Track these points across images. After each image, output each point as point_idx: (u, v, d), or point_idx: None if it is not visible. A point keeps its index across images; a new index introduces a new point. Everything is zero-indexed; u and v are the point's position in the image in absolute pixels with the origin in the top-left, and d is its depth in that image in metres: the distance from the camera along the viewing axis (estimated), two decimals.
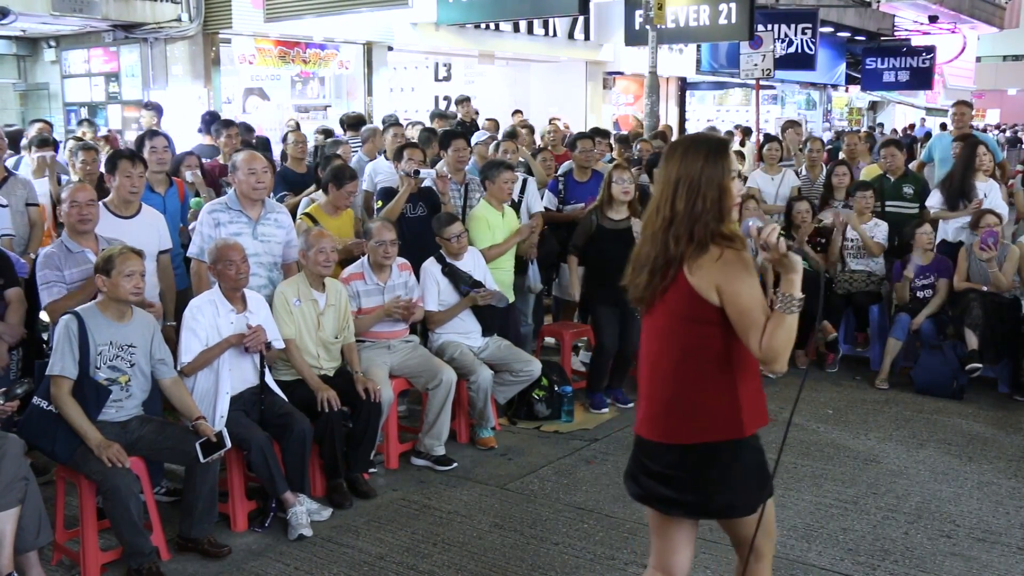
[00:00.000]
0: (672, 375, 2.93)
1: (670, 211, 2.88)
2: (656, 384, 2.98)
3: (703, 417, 2.90)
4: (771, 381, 7.28)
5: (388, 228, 5.64)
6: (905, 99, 30.35)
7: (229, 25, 12.15)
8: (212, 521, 4.55)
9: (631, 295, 3.01)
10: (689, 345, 2.88)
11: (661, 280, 2.88)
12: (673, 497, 2.97)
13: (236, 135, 7.89)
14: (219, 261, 4.79)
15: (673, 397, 2.93)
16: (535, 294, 7.11)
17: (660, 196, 2.93)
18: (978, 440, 5.93)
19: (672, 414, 2.93)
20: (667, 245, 2.86)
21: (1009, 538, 4.63)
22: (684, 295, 2.84)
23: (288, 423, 4.76)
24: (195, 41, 12.13)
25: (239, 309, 4.83)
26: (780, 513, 4.90)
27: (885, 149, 8.56)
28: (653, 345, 2.99)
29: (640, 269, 2.95)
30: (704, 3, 14.85)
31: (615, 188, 6.31)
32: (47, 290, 4.72)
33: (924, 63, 23.73)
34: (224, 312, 4.79)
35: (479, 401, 5.80)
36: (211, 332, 4.74)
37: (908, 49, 24.42)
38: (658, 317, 2.95)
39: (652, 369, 3.00)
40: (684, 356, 2.90)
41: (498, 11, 14.38)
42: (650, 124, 13.09)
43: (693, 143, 2.99)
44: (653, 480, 3.01)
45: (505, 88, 18.00)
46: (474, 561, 4.42)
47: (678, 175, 2.90)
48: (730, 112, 24.50)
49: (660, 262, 2.88)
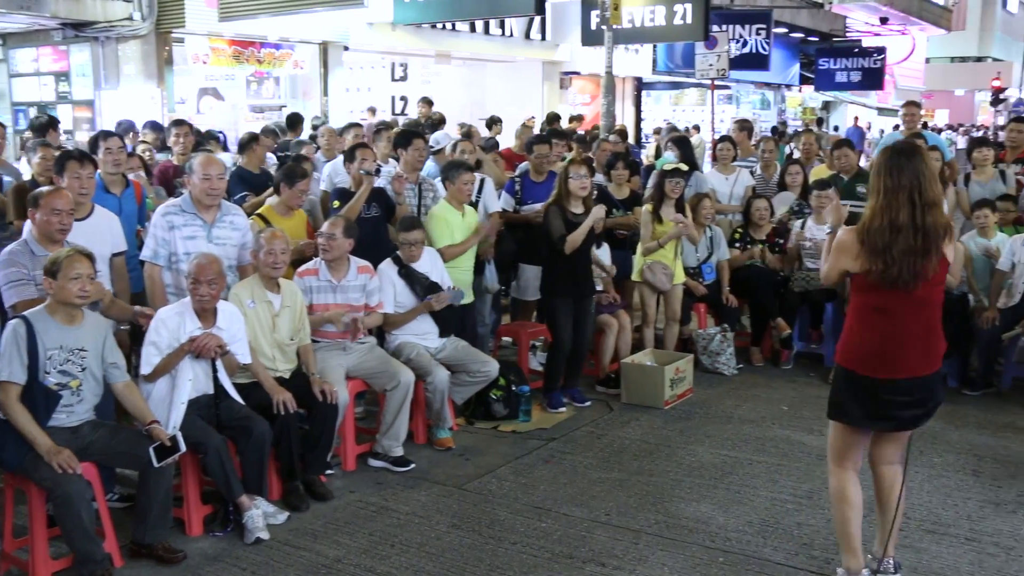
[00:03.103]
0: (935, 326, 3.90)
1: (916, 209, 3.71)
2: (925, 337, 3.87)
3: (938, 352, 3.96)
4: (727, 379, 7.38)
5: (335, 224, 5.60)
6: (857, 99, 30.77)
7: (182, 24, 12.03)
8: (167, 526, 4.49)
9: (900, 279, 3.72)
10: (939, 301, 3.92)
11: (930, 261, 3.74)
12: (920, 414, 3.93)
13: (187, 134, 7.79)
14: (189, 279, 4.73)
15: (936, 341, 3.92)
16: (492, 294, 7.12)
17: (896, 199, 3.71)
18: (928, 434, 6.03)
19: (933, 353, 3.93)
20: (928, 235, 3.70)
21: (957, 529, 4.71)
22: (942, 267, 3.81)
23: (247, 426, 4.71)
24: (147, 40, 11.99)
25: (207, 325, 4.76)
26: (736, 509, 4.96)
27: (838, 149, 8.67)
28: (922, 312, 3.84)
29: (906, 258, 3.71)
30: (659, 4, 14.99)
31: (572, 183, 6.33)
32: (14, 288, 4.57)
33: (875, 64, 24.10)
34: (191, 328, 4.70)
35: (436, 402, 5.79)
36: (172, 346, 4.67)
37: (860, 50, 24.79)
38: (922, 290, 3.77)
39: (924, 328, 3.85)
40: (937, 309, 3.92)
41: (454, 11, 14.39)
42: (606, 124, 13.15)
43: (909, 152, 3.77)
44: (906, 409, 3.88)
45: (462, 88, 17.98)
46: (432, 562, 4.41)
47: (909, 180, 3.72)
48: (686, 112, 24.70)
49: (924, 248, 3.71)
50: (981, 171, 8.34)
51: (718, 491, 5.20)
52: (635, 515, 4.89)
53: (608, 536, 4.65)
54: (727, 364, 7.46)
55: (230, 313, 4.91)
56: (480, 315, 7.00)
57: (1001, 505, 5.00)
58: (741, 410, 6.64)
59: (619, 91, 19.59)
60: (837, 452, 4.03)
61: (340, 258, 5.62)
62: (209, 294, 4.71)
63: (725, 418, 6.46)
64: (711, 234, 7.72)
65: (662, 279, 7.18)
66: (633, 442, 6.00)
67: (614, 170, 7.81)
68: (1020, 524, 4.77)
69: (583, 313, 6.54)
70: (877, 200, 3.75)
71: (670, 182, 7.19)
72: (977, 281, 7.21)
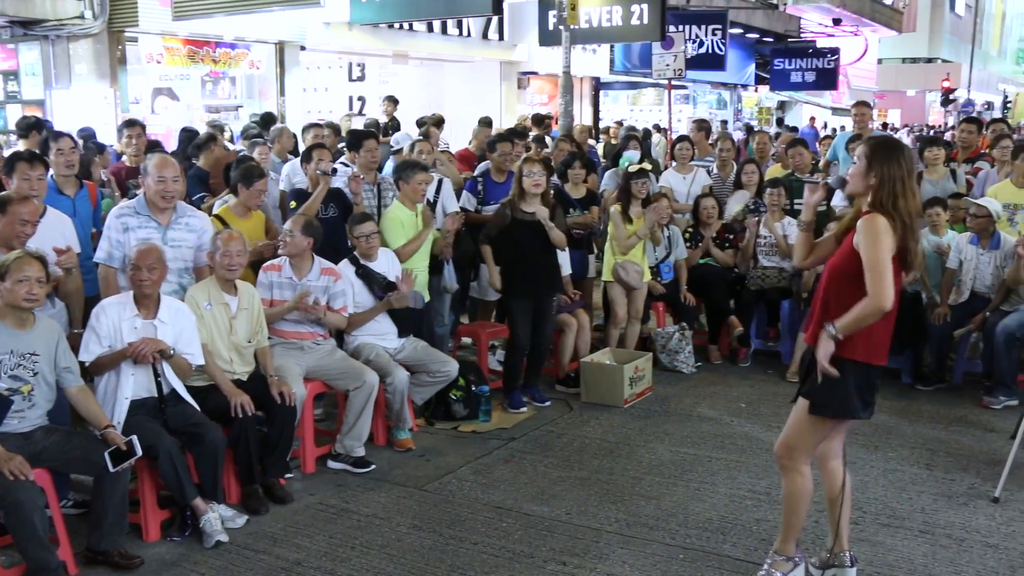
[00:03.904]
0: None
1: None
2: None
3: None
4: (685, 377, 7.43)
5: (296, 221, 5.59)
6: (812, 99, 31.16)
7: (135, 23, 11.85)
8: (123, 532, 4.43)
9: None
10: None
11: None
12: None
13: (139, 135, 7.68)
14: (130, 265, 4.68)
15: None
16: (451, 294, 7.11)
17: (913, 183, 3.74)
18: (883, 429, 6.12)
19: None
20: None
21: (912, 522, 4.79)
22: None
23: (199, 432, 4.65)
24: (100, 39, 11.79)
25: (146, 315, 4.71)
26: (695, 506, 5.00)
27: (792, 148, 8.78)
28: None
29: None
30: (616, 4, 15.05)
31: (526, 181, 6.35)
32: None
33: (829, 64, 24.41)
34: (128, 316, 4.65)
35: (396, 403, 5.77)
36: (113, 334, 4.61)
37: (814, 51, 25.08)
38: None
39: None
40: None
41: (412, 11, 14.34)
42: (564, 124, 13.18)
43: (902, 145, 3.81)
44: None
45: (419, 88, 17.93)
46: (393, 563, 4.39)
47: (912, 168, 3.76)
48: (643, 112, 24.83)
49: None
50: (933, 170, 8.47)
51: (677, 488, 5.24)
52: (595, 513, 4.91)
53: (569, 535, 4.66)
54: (686, 362, 7.52)
55: (176, 309, 4.84)
56: (439, 315, 6.99)
57: (953, 497, 5.09)
58: (700, 408, 6.69)
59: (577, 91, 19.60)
60: (810, 450, 3.97)
61: (303, 256, 5.59)
62: (149, 279, 4.65)
63: (684, 416, 6.51)
64: (669, 233, 7.77)
65: (635, 278, 7.22)
66: (593, 441, 6.02)
67: (571, 169, 7.84)
68: (971, 516, 4.86)
69: (543, 313, 6.56)
70: (906, 184, 3.68)
71: (636, 183, 7.23)
72: (929, 278, 7.33)
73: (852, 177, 3.81)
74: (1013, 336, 6.47)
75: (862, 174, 3.75)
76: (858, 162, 3.77)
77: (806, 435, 3.93)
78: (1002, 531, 4.69)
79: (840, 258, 3.82)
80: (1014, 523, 4.77)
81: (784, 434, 4.01)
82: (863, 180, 3.75)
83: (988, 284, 6.94)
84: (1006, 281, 6.77)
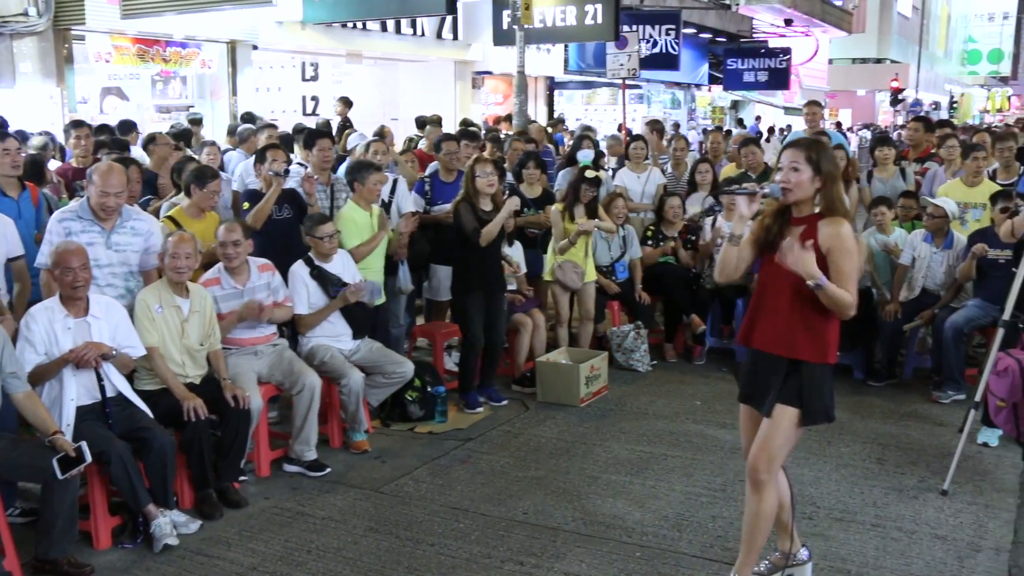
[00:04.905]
0: None
1: None
2: None
3: None
4: (641, 376, 7.47)
5: (232, 229, 5.46)
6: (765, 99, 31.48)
7: (82, 21, 11.62)
8: (72, 540, 4.34)
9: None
10: None
11: None
12: None
13: (87, 136, 7.55)
14: (56, 266, 4.56)
15: None
16: (406, 295, 7.08)
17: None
18: (835, 425, 6.14)
19: None
20: None
21: (864, 516, 4.86)
22: None
23: (147, 437, 4.57)
24: (45, 37, 11.55)
25: (77, 314, 4.60)
26: (651, 504, 5.02)
27: (745, 148, 8.86)
28: None
29: None
30: (570, 4, 15.11)
31: (479, 181, 6.35)
32: None
33: (781, 64, 24.69)
34: (60, 318, 4.55)
35: (351, 404, 5.73)
36: (48, 340, 4.51)
37: (766, 51, 25.36)
38: None
39: None
40: None
41: (365, 10, 14.28)
42: (519, 123, 13.20)
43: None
44: None
45: (374, 88, 17.83)
46: (349, 567, 4.36)
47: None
48: (598, 111, 24.93)
49: None
50: (883, 168, 8.62)
51: (634, 486, 5.26)
52: (552, 513, 4.91)
53: (526, 535, 4.66)
54: (641, 361, 7.55)
55: (106, 304, 4.75)
56: (394, 316, 6.96)
57: (904, 491, 5.17)
58: (655, 406, 6.73)
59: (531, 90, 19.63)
60: (785, 459, 3.86)
61: (241, 262, 5.52)
62: (83, 279, 4.56)
63: (640, 414, 6.54)
64: (624, 233, 7.81)
65: (572, 278, 7.22)
66: (549, 440, 6.03)
67: (525, 169, 7.85)
68: (921, 509, 4.94)
69: (495, 309, 6.55)
70: (839, 180, 3.69)
71: (585, 187, 7.23)
72: (879, 276, 7.44)
73: (797, 184, 3.65)
74: (960, 332, 6.58)
75: (809, 179, 3.64)
76: (799, 168, 3.63)
77: (788, 444, 3.80)
78: (950, 523, 4.77)
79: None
80: (961, 515, 4.86)
81: (762, 447, 3.77)
82: (810, 185, 3.65)
83: (939, 282, 7.07)
84: (958, 279, 6.89)
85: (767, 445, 3.76)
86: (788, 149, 3.73)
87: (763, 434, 3.79)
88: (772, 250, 3.75)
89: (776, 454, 3.77)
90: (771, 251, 3.76)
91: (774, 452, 3.77)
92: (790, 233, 3.70)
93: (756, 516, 3.80)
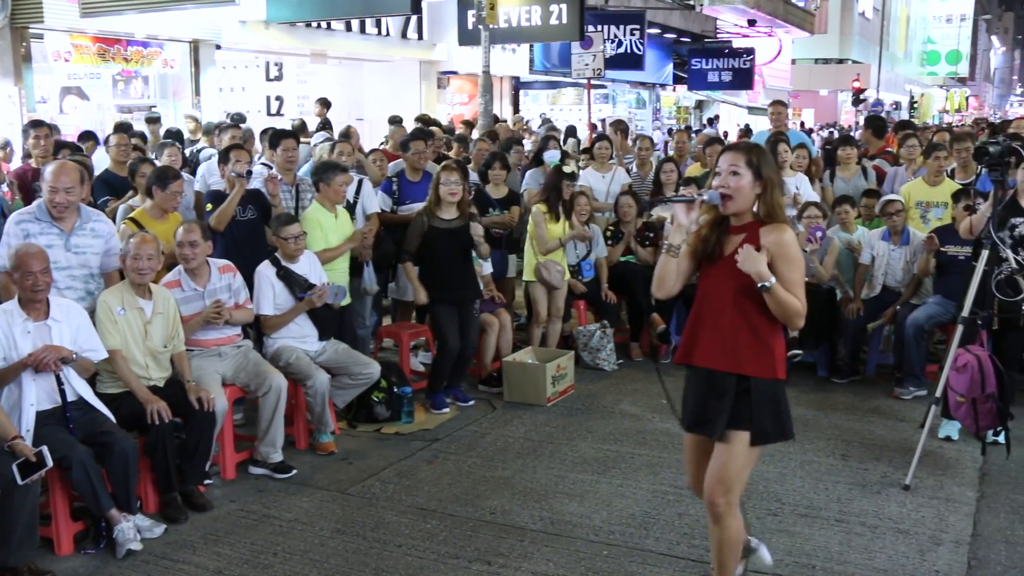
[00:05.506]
0: None
1: None
2: None
3: None
4: (607, 375, 7.50)
5: (190, 230, 5.40)
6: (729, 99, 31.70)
7: (40, 19, 11.47)
8: (33, 547, 4.28)
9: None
10: None
11: None
12: None
13: (46, 136, 7.45)
14: (16, 269, 4.48)
15: None
16: (372, 296, 7.05)
17: None
18: (800, 421, 6.22)
19: None
20: None
21: (828, 512, 4.91)
22: None
23: (109, 442, 4.51)
24: (2, 35, 11.39)
25: (36, 318, 4.54)
26: (618, 502, 5.04)
27: (710, 147, 8.92)
28: None
29: None
30: (535, 4, 15.13)
31: (442, 189, 6.37)
32: None
33: (745, 64, 24.88)
34: (19, 322, 4.48)
35: (317, 406, 5.70)
36: (7, 344, 4.43)
37: (730, 51, 25.54)
38: None
39: None
40: None
41: (329, 9, 14.21)
42: (484, 123, 13.19)
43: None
44: None
45: (338, 88, 17.74)
46: (316, 569, 4.34)
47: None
48: (563, 111, 24.96)
49: None
50: (846, 167, 8.71)
51: (601, 485, 5.28)
52: (520, 513, 4.92)
53: (493, 535, 4.66)
54: (607, 360, 7.58)
55: (67, 307, 4.69)
56: (360, 317, 6.93)
57: (867, 486, 5.24)
58: (622, 405, 6.75)
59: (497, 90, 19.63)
60: (745, 483, 3.64)
61: (201, 263, 5.46)
62: (45, 282, 4.50)
63: (606, 413, 6.56)
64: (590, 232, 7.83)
65: (557, 277, 7.25)
66: (516, 440, 6.03)
67: (491, 170, 7.85)
68: (884, 504, 5.00)
69: (467, 318, 6.56)
70: (779, 192, 3.52)
71: (566, 184, 7.25)
72: (842, 274, 7.52)
73: (736, 190, 3.43)
74: (921, 329, 6.67)
75: (750, 185, 3.44)
76: (739, 172, 3.42)
77: (746, 468, 3.55)
78: (912, 517, 4.84)
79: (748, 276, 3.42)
80: (923, 509, 4.93)
81: (718, 477, 3.52)
82: (750, 190, 3.45)
83: (899, 279, 7.17)
84: (916, 274, 7.00)
85: (723, 475, 3.51)
86: (727, 152, 3.52)
87: (717, 463, 3.53)
88: (711, 261, 3.56)
89: (734, 483, 3.52)
90: (710, 262, 3.57)
91: (731, 481, 3.51)
92: (729, 243, 3.51)
93: (721, 544, 3.61)
